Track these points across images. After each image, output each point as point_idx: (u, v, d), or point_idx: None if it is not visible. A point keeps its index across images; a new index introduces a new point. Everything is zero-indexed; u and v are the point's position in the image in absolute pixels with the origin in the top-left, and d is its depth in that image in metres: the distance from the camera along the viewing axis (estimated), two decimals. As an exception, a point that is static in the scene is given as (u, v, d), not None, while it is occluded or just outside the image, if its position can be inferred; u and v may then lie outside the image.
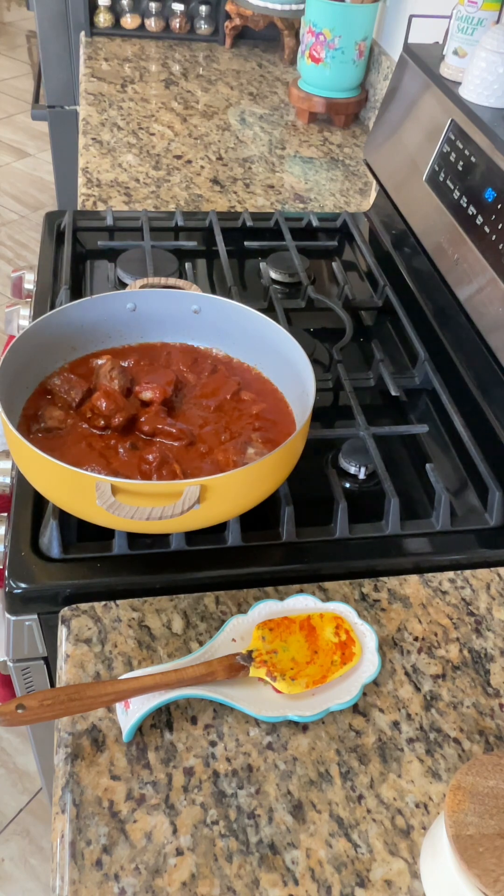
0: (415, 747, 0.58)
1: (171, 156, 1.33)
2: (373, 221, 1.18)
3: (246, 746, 0.57)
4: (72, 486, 0.61)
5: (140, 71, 1.64)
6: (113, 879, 0.50)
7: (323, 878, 0.51)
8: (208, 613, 0.65)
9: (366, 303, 1.03)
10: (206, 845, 0.52)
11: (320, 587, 0.68)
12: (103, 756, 0.56)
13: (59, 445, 0.69)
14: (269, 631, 0.62)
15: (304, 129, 1.48)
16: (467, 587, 0.70)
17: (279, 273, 1.06)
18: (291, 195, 1.27)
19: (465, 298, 0.85)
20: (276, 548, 0.71)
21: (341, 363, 0.89)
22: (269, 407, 0.76)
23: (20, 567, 0.66)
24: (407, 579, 0.70)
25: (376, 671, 0.60)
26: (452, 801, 0.46)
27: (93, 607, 0.65)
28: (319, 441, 0.79)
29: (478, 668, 0.63)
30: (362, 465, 0.77)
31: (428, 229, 0.95)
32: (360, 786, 0.55)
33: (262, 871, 0.51)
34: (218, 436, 0.72)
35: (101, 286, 1.02)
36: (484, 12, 0.89)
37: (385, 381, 0.87)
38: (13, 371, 0.70)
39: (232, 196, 1.24)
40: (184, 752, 0.56)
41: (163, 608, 0.65)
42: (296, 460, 0.68)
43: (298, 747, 0.57)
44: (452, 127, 0.91)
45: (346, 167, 1.37)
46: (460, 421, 0.82)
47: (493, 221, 0.81)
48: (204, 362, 0.81)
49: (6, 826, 1.35)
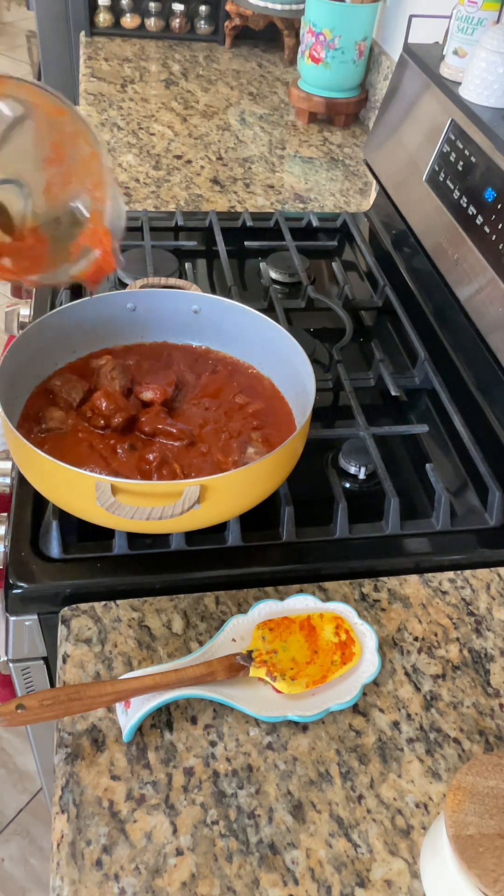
0: (415, 747, 0.58)
1: (171, 156, 1.33)
2: (373, 221, 1.18)
3: (246, 746, 0.57)
4: (72, 486, 0.61)
5: (140, 71, 1.64)
6: (113, 879, 0.50)
7: (323, 878, 0.51)
8: (208, 613, 0.65)
9: (366, 303, 1.03)
10: (206, 845, 0.52)
11: (320, 587, 0.68)
12: (103, 756, 0.56)
13: (59, 445, 0.69)
14: (269, 631, 0.62)
15: (304, 129, 1.48)
16: (467, 587, 0.70)
17: (279, 273, 1.06)
18: (291, 195, 1.27)
19: (465, 298, 0.85)
20: (276, 548, 0.71)
21: (341, 363, 0.89)
22: (269, 407, 0.76)
23: (20, 567, 0.66)
24: (407, 579, 0.70)
25: (376, 671, 0.60)
26: (452, 801, 0.46)
27: (93, 607, 0.65)
28: (319, 441, 0.79)
29: (478, 668, 0.63)
30: (362, 465, 0.77)
31: (428, 229, 0.95)
32: (360, 786, 0.55)
33: (262, 871, 0.51)
34: (218, 436, 0.72)
35: (101, 286, 1.02)
36: (484, 12, 0.89)
37: (385, 381, 0.87)
38: (13, 371, 0.70)
39: (232, 196, 1.24)
40: (184, 752, 0.56)
41: (163, 608, 0.65)
42: (296, 460, 0.68)
43: (298, 747, 0.57)
44: (452, 127, 0.91)
45: (346, 167, 1.37)
46: (460, 421, 0.82)
47: (493, 221, 0.81)
48: (204, 362, 0.81)
49: (6, 826, 1.35)
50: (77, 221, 0.71)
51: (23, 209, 0.69)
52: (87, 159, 0.68)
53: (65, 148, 0.68)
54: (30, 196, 0.69)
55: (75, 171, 0.69)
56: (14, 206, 0.68)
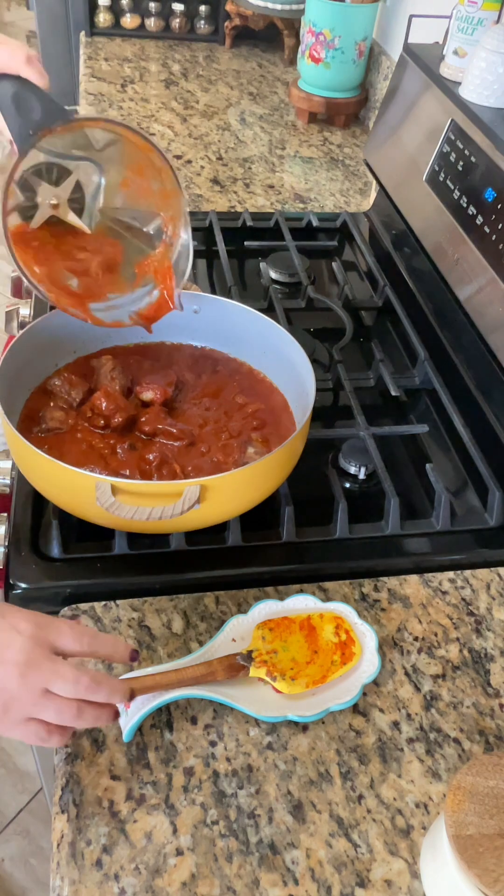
0: (415, 747, 0.58)
1: (170, 156, 1.33)
2: (373, 221, 1.18)
3: (246, 746, 0.57)
4: (72, 486, 0.61)
5: (140, 71, 1.64)
6: (113, 879, 0.50)
7: (323, 878, 0.51)
8: (208, 613, 0.65)
9: (366, 303, 1.03)
10: (206, 845, 0.52)
11: (320, 587, 0.68)
12: (103, 756, 0.56)
13: (59, 445, 0.69)
14: (269, 631, 0.62)
15: (304, 129, 1.48)
16: (467, 587, 0.70)
17: (279, 273, 1.06)
18: (291, 195, 1.27)
19: (465, 298, 0.85)
20: (276, 548, 0.71)
21: (341, 363, 0.89)
22: (269, 407, 0.76)
23: (20, 567, 0.66)
24: (407, 579, 0.70)
25: (376, 671, 0.60)
26: (452, 801, 0.47)
27: (93, 607, 0.65)
28: (319, 441, 0.79)
29: (478, 668, 0.63)
30: (362, 465, 0.77)
31: (428, 229, 0.95)
32: (360, 786, 0.55)
33: (262, 871, 0.51)
34: (218, 436, 0.72)
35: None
36: (484, 12, 0.89)
37: (385, 381, 0.87)
38: (13, 371, 0.70)
39: (232, 196, 1.24)
40: (184, 752, 0.56)
41: (163, 608, 0.65)
42: (296, 460, 0.68)
43: (298, 747, 0.57)
44: (452, 127, 0.91)
45: (346, 167, 1.37)
46: (460, 421, 0.82)
47: (493, 221, 0.81)
48: (204, 362, 0.81)
49: (6, 826, 1.35)
50: (148, 244, 0.75)
51: (96, 191, 0.72)
52: (168, 193, 0.73)
53: (147, 171, 0.72)
54: (104, 186, 0.72)
55: (154, 193, 0.73)
56: (88, 188, 0.72)
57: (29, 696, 0.48)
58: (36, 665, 0.48)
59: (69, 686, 0.49)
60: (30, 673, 0.48)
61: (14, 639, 0.48)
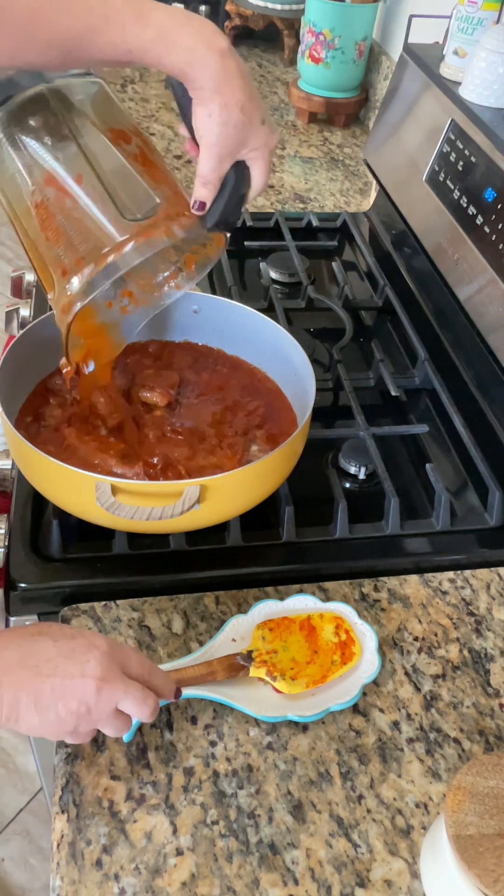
0: (415, 747, 0.58)
1: (171, 156, 1.33)
2: (373, 221, 1.18)
3: (246, 746, 0.57)
4: (72, 486, 0.61)
5: (140, 71, 1.64)
6: (113, 879, 0.50)
7: (323, 878, 0.51)
8: (208, 613, 0.65)
9: (366, 303, 1.03)
10: (206, 845, 0.52)
11: (320, 587, 0.68)
12: (103, 756, 0.56)
13: (59, 445, 0.69)
14: (269, 631, 0.62)
15: (304, 129, 1.48)
16: (467, 587, 0.70)
17: (279, 273, 1.06)
18: (291, 195, 1.27)
19: (465, 298, 0.85)
20: (276, 548, 0.71)
21: (341, 363, 0.89)
22: (270, 407, 0.76)
23: (20, 567, 0.66)
24: (407, 579, 0.70)
25: (376, 671, 0.60)
26: (452, 801, 0.47)
27: (93, 607, 0.65)
28: (319, 441, 0.79)
29: (478, 668, 0.63)
30: (362, 465, 0.77)
31: (428, 229, 0.95)
32: (360, 786, 0.55)
33: (262, 871, 0.51)
34: (219, 435, 0.72)
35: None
36: (484, 12, 0.89)
37: (385, 381, 0.87)
38: (13, 371, 0.70)
39: (232, 196, 1.24)
40: (184, 752, 0.56)
41: (163, 608, 0.65)
42: (296, 460, 0.68)
43: (298, 747, 0.57)
44: (452, 127, 0.91)
45: (346, 167, 1.37)
46: (460, 421, 0.82)
47: (493, 221, 0.81)
48: (204, 362, 0.81)
49: (6, 826, 1.35)
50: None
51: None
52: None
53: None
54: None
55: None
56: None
57: (102, 712, 0.50)
58: (110, 681, 0.50)
59: (136, 706, 0.51)
60: (105, 688, 0.49)
61: (93, 654, 0.50)
